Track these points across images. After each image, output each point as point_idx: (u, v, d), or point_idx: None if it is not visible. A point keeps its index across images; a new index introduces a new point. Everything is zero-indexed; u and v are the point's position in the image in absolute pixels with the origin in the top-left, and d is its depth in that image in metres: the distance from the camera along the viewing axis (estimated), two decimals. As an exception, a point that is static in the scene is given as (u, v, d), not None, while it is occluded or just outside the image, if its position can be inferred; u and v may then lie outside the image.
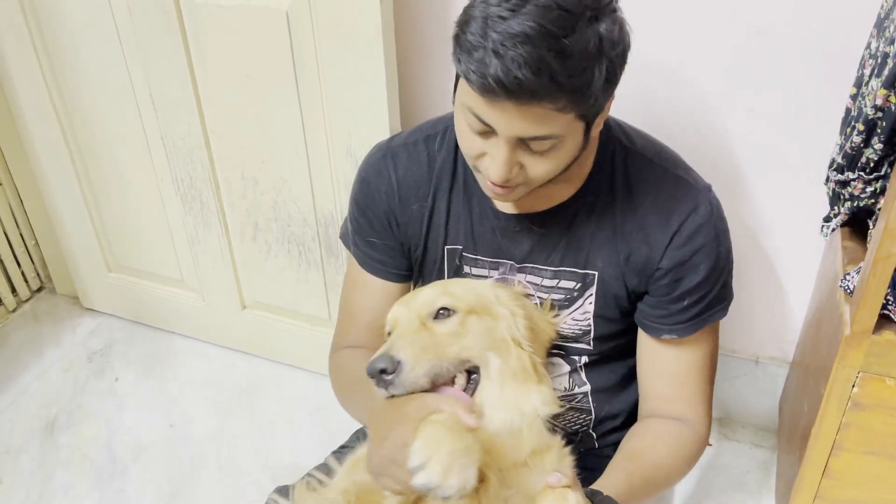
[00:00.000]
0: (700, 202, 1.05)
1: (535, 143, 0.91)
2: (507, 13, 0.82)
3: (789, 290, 1.59)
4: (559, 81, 0.82)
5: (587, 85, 0.85)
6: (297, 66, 1.47)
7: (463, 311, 1.02)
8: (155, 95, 1.65)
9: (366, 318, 1.24)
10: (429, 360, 0.95)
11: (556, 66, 0.81)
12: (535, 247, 1.12)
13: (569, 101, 0.85)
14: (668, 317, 1.08)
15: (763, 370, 1.70)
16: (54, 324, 2.15)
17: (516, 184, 0.97)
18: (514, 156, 0.93)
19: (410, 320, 1.01)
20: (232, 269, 1.88)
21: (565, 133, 0.91)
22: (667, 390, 1.12)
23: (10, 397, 1.91)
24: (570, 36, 0.82)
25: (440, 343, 0.98)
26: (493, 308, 1.05)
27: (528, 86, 0.82)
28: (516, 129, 0.89)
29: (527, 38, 0.80)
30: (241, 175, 1.70)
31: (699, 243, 1.04)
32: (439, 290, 1.05)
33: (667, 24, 1.36)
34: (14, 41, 1.71)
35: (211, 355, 2.04)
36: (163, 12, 1.52)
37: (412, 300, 1.05)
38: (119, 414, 1.87)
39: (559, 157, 0.94)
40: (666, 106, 1.44)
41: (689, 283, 1.05)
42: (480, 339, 1.01)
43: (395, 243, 1.19)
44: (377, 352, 0.97)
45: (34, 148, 1.90)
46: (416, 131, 1.18)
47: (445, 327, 1.00)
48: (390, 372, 0.93)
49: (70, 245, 2.06)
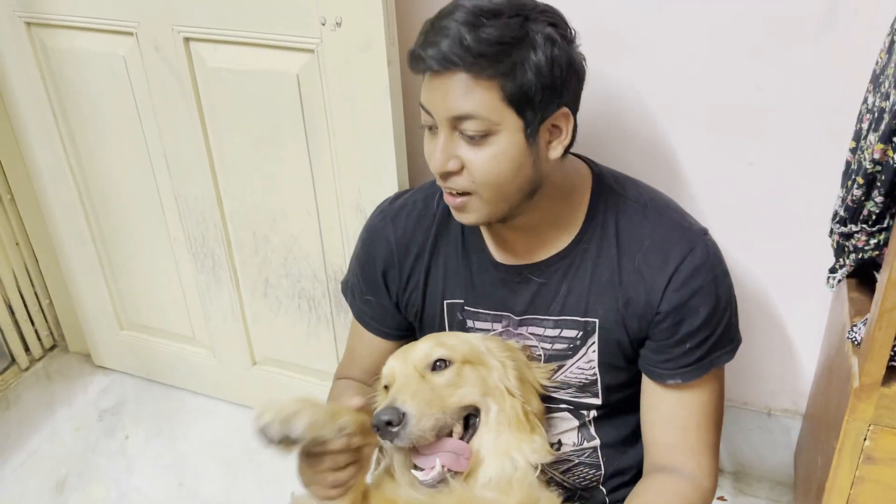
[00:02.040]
0: (696, 244, 1.06)
1: (465, 125, 0.96)
2: (449, 9, 0.96)
3: (799, 341, 1.58)
4: (468, 46, 0.92)
5: (499, 58, 0.93)
6: (307, 127, 1.51)
7: (458, 362, 1.05)
8: (169, 157, 1.70)
9: (364, 364, 1.30)
10: (433, 413, 0.98)
11: (468, 37, 0.92)
12: (536, 297, 1.13)
13: (479, 68, 0.93)
14: (671, 360, 1.08)
15: (776, 423, 1.68)
16: (66, 382, 2.15)
17: (462, 189, 1.01)
18: (452, 146, 0.98)
19: (408, 373, 1.04)
20: (243, 326, 1.90)
21: (494, 119, 0.95)
22: (670, 438, 1.11)
23: (22, 457, 1.91)
24: (491, 19, 0.93)
25: (441, 395, 1.01)
26: (484, 358, 1.09)
27: (444, 51, 0.92)
28: (445, 106, 0.96)
29: (453, 20, 0.94)
30: (253, 233, 1.72)
31: (697, 285, 1.05)
32: (433, 342, 1.08)
33: (672, 80, 1.39)
34: (33, 103, 1.77)
35: (221, 412, 2.03)
36: (177, 78, 1.57)
37: (407, 354, 1.08)
38: (128, 474, 1.86)
39: (498, 157, 0.97)
40: (670, 158, 1.47)
41: (690, 325, 1.06)
42: (477, 386, 1.05)
43: (389, 304, 1.23)
44: (381, 405, 0.99)
45: (50, 208, 1.94)
46: (416, 192, 1.22)
47: (443, 378, 1.03)
48: (395, 424, 0.95)
49: (83, 303, 2.09)
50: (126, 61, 1.61)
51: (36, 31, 1.67)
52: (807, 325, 1.55)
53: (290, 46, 1.43)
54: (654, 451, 1.12)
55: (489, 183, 0.99)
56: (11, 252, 2.05)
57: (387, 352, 1.25)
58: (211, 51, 1.52)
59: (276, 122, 1.54)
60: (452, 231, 1.17)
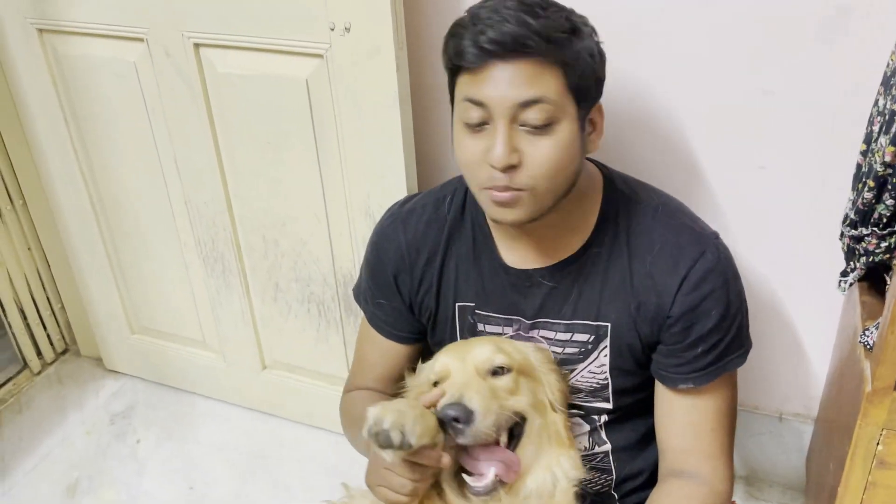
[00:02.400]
0: (707, 248, 1.06)
1: (531, 112, 0.94)
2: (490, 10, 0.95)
3: (810, 345, 1.57)
4: (537, 30, 0.92)
5: (566, 44, 0.94)
6: (316, 132, 1.51)
7: (515, 371, 1.06)
8: (179, 161, 1.71)
9: (375, 371, 1.29)
10: (495, 412, 0.99)
11: (533, 22, 0.92)
12: (547, 301, 1.13)
13: (551, 53, 0.93)
14: (683, 365, 1.08)
15: (787, 427, 1.67)
16: (78, 386, 2.17)
17: (519, 185, 0.98)
18: (513, 137, 0.96)
19: (469, 372, 1.04)
20: (253, 330, 1.90)
21: (559, 104, 0.95)
22: (684, 443, 1.10)
23: (34, 461, 1.92)
24: (545, 10, 0.95)
25: (500, 396, 1.02)
26: (535, 371, 1.09)
27: (513, 34, 0.91)
28: (511, 93, 0.94)
29: (507, 8, 0.93)
30: (263, 237, 1.73)
31: (708, 289, 1.05)
32: (493, 347, 1.07)
33: (680, 83, 1.39)
34: (45, 109, 1.78)
35: (231, 416, 2.04)
36: (187, 84, 1.58)
37: (465, 354, 1.07)
38: (139, 477, 1.87)
39: (558, 146, 0.96)
40: (679, 162, 1.46)
41: (702, 329, 1.06)
42: (528, 396, 1.06)
43: (402, 306, 1.22)
44: (446, 398, 0.99)
45: (62, 213, 1.95)
46: (427, 195, 1.21)
47: (502, 382, 1.04)
48: (462, 421, 0.95)
49: (94, 307, 2.10)
50: (137, 67, 1.62)
51: (48, 37, 1.68)
52: (818, 328, 1.54)
53: (300, 52, 1.44)
54: (669, 456, 1.12)
55: (548, 174, 0.97)
56: (23, 257, 2.06)
57: (400, 356, 1.26)
58: (221, 56, 1.53)
59: (285, 127, 1.54)
60: (464, 234, 1.17)
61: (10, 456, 1.93)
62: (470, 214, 1.16)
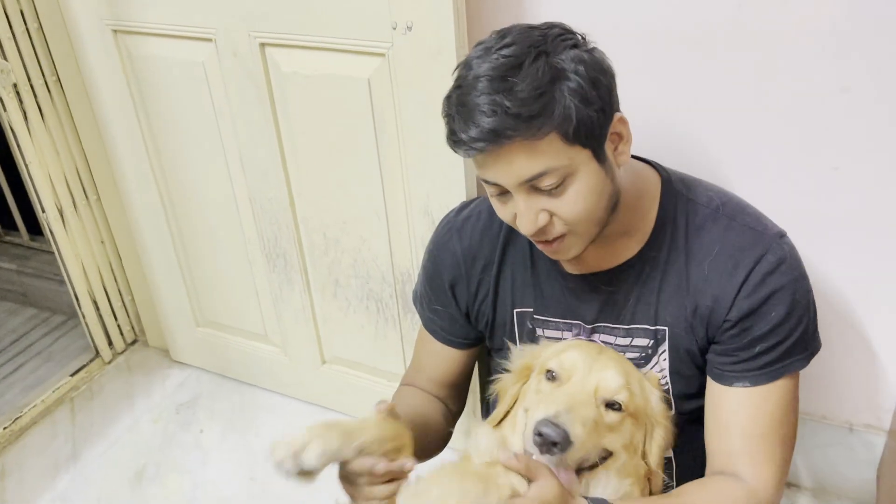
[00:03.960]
0: (769, 248, 1.02)
1: (542, 182, 0.93)
2: (468, 81, 0.91)
3: (884, 353, 1.51)
4: (514, 113, 0.88)
5: (547, 108, 0.89)
6: (377, 131, 1.53)
7: (628, 413, 1.02)
8: (245, 160, 1.74)
9: (430, 373, 1.30)
10: (588, 448, 0.96)
11: (507, 102, 0.88)
12: (605, 306, 1.11)
13: (536, 127, 0.89)
14: (739, 363, 1.05)
15: (858, 438, 1.61)
16: (146, 375, 2.24)
17: (558, 234, 0.98)
18: (534, 203, 0.95)
19: (587, 390, 1.00)
20: (313, 325, 1.93)
21: (565, 163, 0.93)
22: (732, 446, 1.05)
23: (105, 446, 2.00)
24: (517, 74, 0.89)
25: (600, 433, 0.99)
26: (647, 419, 1.05)
27: (491, 127, 0.89)
28: (514, 174, 0.93)
29: (481, 91, 0.90)
30: (324, 235, 1.76)
31: (768, 291, 1.01)
32: (624, 379, 1.02)
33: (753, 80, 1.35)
34: (119, 108, 1.85)
35: (291, 410, 2.08)
36: (254, 83, 1.61)
37: (595, 366, 1.02)
38: (203, 466, 1.92)
39: (582, 193, 0.95)
40: (749, 162, 1.42)
41: (760, 330, 1.02)
42: (624, 439, 1.02)
43: (458, 314, 1.22)
44: (549, 411, 0.94)
45: (133, 208, 2.02)
46: (481, 202, 1.21)
47: (610, 419, 1.01)
48: (558, 448, 0.92)
49: (162, 300, 2.17)
50: (205, 67, 1.66)
51: (122, 38, 1.74)
52: (892, 338, 1.48)
53: (362, 51, 1.45)
54: (716, 459, 1.08)
55: (582, 219, 0.98)
56: (97, 250, 2.15)
57: (454, 361, 1.26)
58: (286, 56, 1.55)
59: (347, 127, 1.56)
60: (519, 240, 1.16)
61: (82, 441, 2.01)
62: None
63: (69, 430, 2.05)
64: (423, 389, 1.28)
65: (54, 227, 2.03)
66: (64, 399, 2.14)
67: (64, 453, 1.97)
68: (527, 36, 0.93)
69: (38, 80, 1.89)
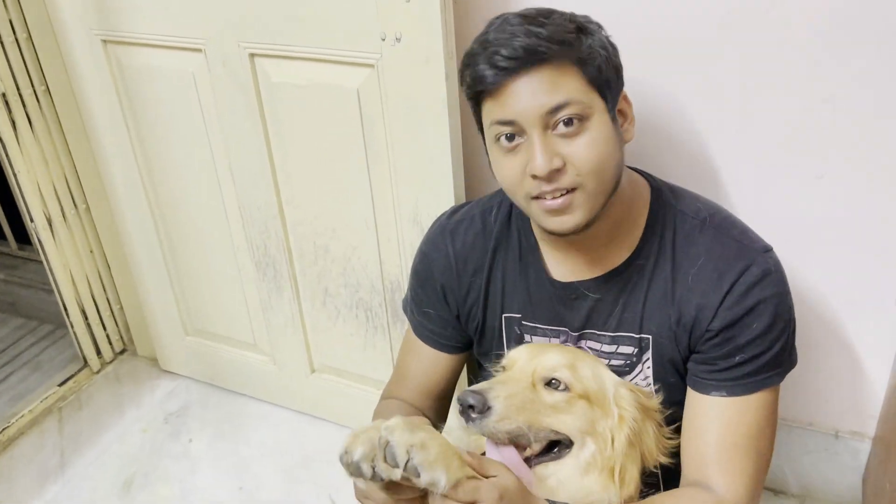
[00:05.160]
0: (754, 261, 1.04)
1: (562, 113, 0.96)
2: (496, 25, 1.00)
3: (869, 361, 1.52)
4: (546, 36, 0.95)
5: (577, 43, 0.97)
6: (367, 140, 1.54)
7: (575, 394, 1.02)
8: (234, 169, 1.75)
9: (415, 382, 1.29)
10: (517, 422, 0.97)
11: (541, 30, 0.96)
12: (592, 313, 1.12)
13: (565, 55, 0.96)
14: (716, 372, 1.06)
15: (844, 445, 1.62)
16: (134, 385, 2.23)
17: (568, 185, 0.99)
18: (549, 144, 0.97)
19: (524, 373, 1.03)
20: (302, 334, 1.93)
21: (586, 101, 0.97)
22: (706, 455, 1.05)
23: (94, 455, 1.99)
24: (549, 17, 0.99)
25: (538, 410, 0.99)
26: (606, 403, 1.04)
27: (525, 46, 0.94)
28: (537, 103, 0.96)
29: (512, 25, 0.97)
30: (313, 243, 1.76)
31: (751, 302, 1.03)
32: (566, 360, 1.04)
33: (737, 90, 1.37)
34: (109, 118, 1.85)
35: (280, 418, 2.08)
36: (243, 93, 1.62)
37: (537, 354, 1.05)
38: (192, 475, 1.92)
39: (597, 141, 0.98)
40: (733, 171, 1.44)
41: (741, 340, 1.04)
42: (581, 422, 1.01)
43: (449, 315, 1.23)
44: (479, 384, 0.99)
45: (123, 219, 2.02)
46: (473, 206, 1.22)
47: (551, 398, 1.01)
48: (477, 411, 0.95)
49: (152, 309, 2.17)
50: (195, 77, 1.67)
51: (112, 48, 1.75)
52: (877, 344, 1.49)
53: (351, 61, 1.46)
54: (689, 469, 1.07)
55: (594, 169, 0.99)
56: (86, 259, 2.14)
57: (442, 367, 1.26)
58: (275, 66, 1.56)
59: (336, 136, 1.57)
60: (510, 245, 1.17)
61: (70, 450, 2.00)
62: (516, 226, 1.16)
63: (57, 440, 2.04)
64: (408, 402, 1.27)
65: (43, 236, 2.03)
66: (52, 409, 2.13)
67: (52, 463, 1.96)
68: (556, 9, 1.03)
69: (27, 89, 1.89)
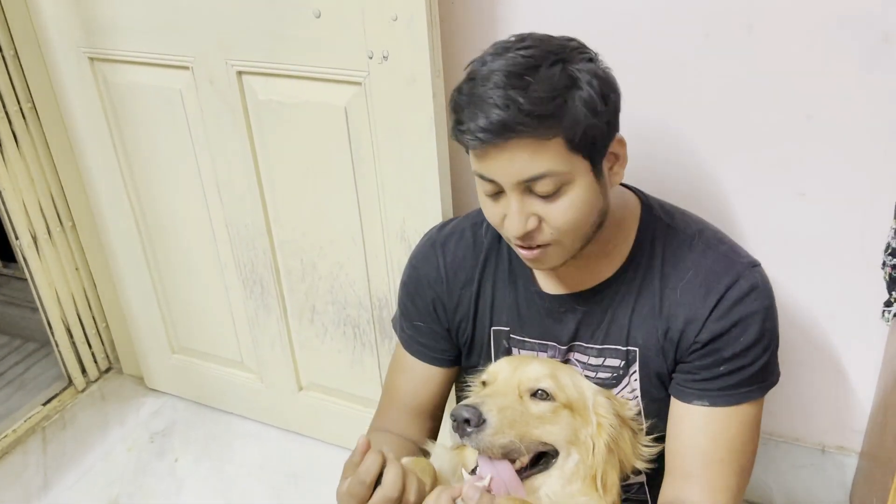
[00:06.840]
0: (742, 275, 1.05)
1: (539, 185, 0.94)
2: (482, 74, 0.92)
3: (855, 376, 1.53)
4: (526, 110, 0.89)
5: (559, 112, 0.91)
6: (354, 158, 1.54)
7: (560, 403, 1.04)
8: (221, 186, 1.75)
9: (406, 401, 1.27)
10: (511, 435, 0.97)
11: (521, 99, 0.89)
12: (580, 325, 1.13)
13: (545, 128, 0.90)
14: (699, 381, 1.06)
15: (830, 460, 1.63)
16: (120, 404, 2.21)
17: (544, 242, 0.99)
18: (526, 206, 0.96)
19: (510, 386, 1.04)
20: (290, 351, 1.93)
21: (565, 169, 0.94)
22: (690, 469, 1.05)
23: (78, 475, 1.96)
24: (534, 74, 0.91)
25: (528, 422, 1.00)
26: (585, 412, 1.06)
27: (501, 119, 0.89)
28: (514, 172, 0.93)
29: (495, 85, 0.91)
30: (301, 260, 1.76)
31: (739, 315, 1.03)
32: (548, 371, 1.06)
33: (720, 108, 1.38)
34: (95, 135, 1.84)
35: (267, 437, 2.06)
36: (230, 110, 1.62)
37: (519, 366, 1.07)
38: (177, 496, 1.90)
39: (575, 203, 0.96)
40: (717, 189, 1.45)
41: (727, 352, 1.04)
42: (566, 431, 1.03)
43: (439, 328, 1.22)
44: (470, 398, 1.00)
45: (109, 237, 2.01)
46: (463, 220, 1.23)
47: (538, 409, 1.02)
48: (473, 425, 0.95)
49: (137, 327, 2.15)
50: (182, 95, 1.67)
51: (98, 65, 1.74)
52: (862, 359, 1.50)
53: (339, 79, 1.47)
54: (673, 481, 1.07)
55: (569, 230, 0.98)
56: (71, 277, 2.13)
57: (433, 382, 1.26)
58: (262, 84, 1.57)
59: (324, 153, 1.57)
60: (500, 259, 1.17)
61: (53, 470, 1.97)
62: (505, 240, 1.17)
63: (41, 459, 2.01)
64: (397, 429, 1.25)
65: (28, 253, 2.01)
66: (36, 428, 2.10)
67: (36, 484, 1.94)
68: (546, 42, 0.95)
69: (13, 106, 1.89)
